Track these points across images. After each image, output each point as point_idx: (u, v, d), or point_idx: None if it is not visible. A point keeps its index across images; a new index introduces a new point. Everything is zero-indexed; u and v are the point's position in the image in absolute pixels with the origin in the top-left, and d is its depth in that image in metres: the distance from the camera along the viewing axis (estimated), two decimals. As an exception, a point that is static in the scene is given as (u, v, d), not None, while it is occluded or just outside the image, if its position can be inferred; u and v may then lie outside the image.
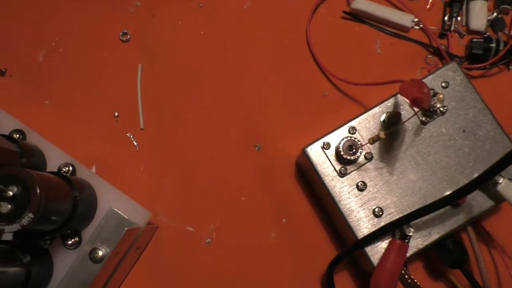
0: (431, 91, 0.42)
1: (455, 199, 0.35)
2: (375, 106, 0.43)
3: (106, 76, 0.50)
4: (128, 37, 0.50)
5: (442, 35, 0.51)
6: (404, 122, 0.41)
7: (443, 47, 0.50)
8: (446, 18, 0.51)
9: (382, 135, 0.36)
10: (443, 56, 0.49)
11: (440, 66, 0.50)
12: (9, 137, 0.41)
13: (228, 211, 0.47)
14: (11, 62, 0.50)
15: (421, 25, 0.51)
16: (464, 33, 0.51)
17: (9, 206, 0.31)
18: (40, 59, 0.50)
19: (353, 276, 0.46)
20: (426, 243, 0.40)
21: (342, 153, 0.40)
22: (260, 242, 0.47)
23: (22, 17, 0.51)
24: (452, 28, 0.50)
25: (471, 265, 0.45)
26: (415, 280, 0.42)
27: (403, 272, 0.42)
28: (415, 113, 0.40)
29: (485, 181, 0.35)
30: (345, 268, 0.47)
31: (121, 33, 0.50)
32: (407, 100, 0.36)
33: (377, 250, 0.40)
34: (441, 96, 0.37)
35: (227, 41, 0.51)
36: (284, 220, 0.47)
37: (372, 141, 0.37)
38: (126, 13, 0.51)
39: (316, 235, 0.47)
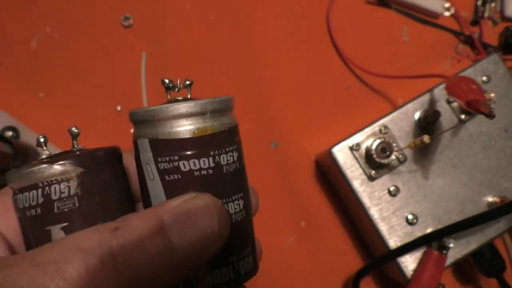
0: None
1: (506, 213, 0.31)
2: (408, 103, 0.39)
3: (106, 65, 0.45)
4: (131, 22, 0.45)
5: (475, 22, 0.47)
6: (450, 129, 0.37)
7: (475, 35, 0.46)
8: (479, 3, 0.47)
9: (426, 139, 0.32)
10: (476, 46, 0.45)
11: (472, 56, 0.46)
12: (0, 137, 0.37)
13: (243, 215, 0.43)
14: (0, 50, 0.45)
15: (452, 12, 0.46)
16: (499, 20, 0.47)
17: None
18: (33, 47, 0.45)
19: (378, 285, 0.43)
20: (464, 252, 0.37)
21: (374, 156, 0.36)
22: (277, 247, 0.43)
23: (12, -1, 0.46)
24: (486, 14, 0.46)
25: (506, 274, 0.42)
26: (450, 292, 0.39)
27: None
28: (460, 123, 0.36)
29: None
30: (370, 275, 0.43)
31: (122, 18, 0.45)
32: (455, 99, 0.32)
33: (410, 261, 0.37)
34: (492, 95, 0.33)
35: (240, 27, 0.46)
36: (303, 224, 0.44)
37: (413, 145, 0.33)
38: (128, -5, 0.46)
39: (338, 240, 0.44)
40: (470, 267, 0.43)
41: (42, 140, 0.21)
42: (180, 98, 0.21)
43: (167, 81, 0.21)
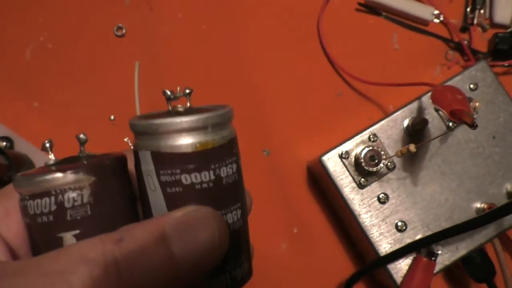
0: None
1: (495, 219, 0.32)
2: (397, 111, 0.39)
3: (100, 75, 0.46)
4: (124, 31, 0.46)
5: (464, 29, 0.47)
6: (436, 138, 0.37)
7: (465, 42, 0.46)
8: (468, 10, 0.47)
9: (412, 148, 0.32)
10: (465, 52, 0.46)
11: (461, 63, 0.46)
12: (-6, 148, 0.37)
13: (236, 222, 0.44)
14: (-5, 60, 0.45)
15: (442, 18, 0.47)
16: (488, 26, 0.47)
17: None
18: (27, 56, 0.45)
19: (370, 290, 0.44)
20: (453, 258, 0.37)
21: (363, 164, 0.37)
22: (269, 253, 0.44)
23: (6, 8, 0.46)
24: (475, 21, 0.47)
25: (496, 278, 0.43)
26: (440, 298, 0.39)
27: (426, 288, 0.40)
28: (446, 126, 0.37)
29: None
30: (362, 281, 0.44)
31: (115, 28, 0.46)
32: (440, 109, 0.33)
33: (400, 268, 0.37)
34: (477, 104, 0.33)
35: (232, 37, 0.46)
36: (295, 230, 0.44)
37: (400, 154, 0.33)
38: (121, 5, 0.46)
39: (331, 246, 0.44)
40: (461, 272, 0.43)
41: (48, 145, 0.22)
42: (181, 108, 0.22)
43: (168, 92, 0.22)
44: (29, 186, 0.20)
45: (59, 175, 0.19)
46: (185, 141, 0.20)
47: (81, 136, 0.22)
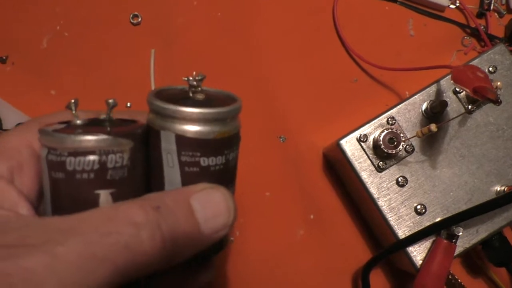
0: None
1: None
2: (415, 94, 0.39)
3: (116, 62, 0.46)
4: (139, 19, 0.46)
5: (481, 14, 0.47)
6: (456, 117, 0.37)
7: (481, 27, 0.46)
8: (485, -5, 0.47)
9: (434, 128, 0.32)
10: (482, 38, 0.46)
11: (478, 49, 0.46)
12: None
13: (252, 208, 0.44)
14: (12, 49, 0.45)
15: (458, 4, 0.47)
16: (504, 12, 0.47)
17: None
18: (44, 45, 0.46)
19: (387, 275, 0.43)
20: (473, 241, 0.37)
21: (382, 146, 0.36)
22: (287, 239, 0.44)
23: (22, -1, 0.46)
24: (492, 6, 0.47)
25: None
26: (460, 281, 0.39)
27: (445, 272, 0.40)
28: (465, 108, 0.37)
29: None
30: (379, 266, 0.43)
31: (131, 16, 0.46)
32: (461, 88, 0.32)
33: (420, 250, 0.37)
34: (498, 83, 0.33)
35: (247, 24, 0.46)
36: (312, 216, 0.44)
37: (421, 134, 0.33)
38: (136, -7, 0.46)
39: (347, 232, 0.44)
40: (479, 257, 0.43)
41: (73, 102, 0.23)
42: (200, 96, 0.24)
43: (193, 81, 0.24)
44: (72, 144, 0.20)
45: (106, 137, 0.21)
46: (209, 129, 0.22)
47: (111, 101, 0.23)
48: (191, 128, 0.22)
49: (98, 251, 0.18)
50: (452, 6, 0.47)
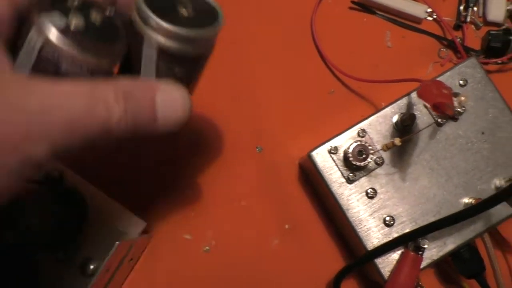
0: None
1: (479, 212, 0.32)
2: (387, 106, 0.39)
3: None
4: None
5: (457, 26, 0.47)
6: (424, 128, 0.37)
7: (458, 39, 0.46)
8: (461, 8, 0.47)
9: (397, 142, 0.32)
10: (458, 50, 0.46)
11: (454, 60, 0.47)
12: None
13: (228, 217, 0.44)
14: None
15: (435, 16, 0.47)
16: (481, 24, 0.47)
17: None
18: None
19: (361, 286, 0.44)
20: (441, 254, 0.38)
21: (351, 158, 0.37)
22: (262, 249, 0.44)
23: None
24: (468, 19, 0.47)
25: (486, 273, 0.43)
26: (429, 293, 0.39)
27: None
28: (435, 121, 0.37)
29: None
30: (352, 277, 0.44)
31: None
32: (425, 103, 0.33)
33: (388, 262, 0.37)
34: (463, 98, 0.34)
35: (226, 34, 0.47)
36: (287, 226, 0.45)
37: (386, 148, 0.34)
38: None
39: (322, 242, 0.44)
40: (452, 268, 0.43)
41: None
42: (186, 12, 0.26)
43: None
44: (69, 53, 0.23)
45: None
46: (186, 47, 0.25)
47: None
48: (171, 44, 0.24)
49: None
50: (429, 18, 0.47)
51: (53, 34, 0.22)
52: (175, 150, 0.45)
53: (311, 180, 0.44)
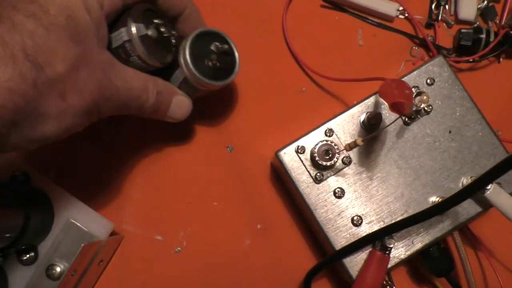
0: (415, 90, 0.38)
1: (444, 210, 0.32)
2: (354, 106, 0.39)
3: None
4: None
5: (429, 25, 0.47)
6: (386, 126, 0.37)
7: (429, 38, 0.46)
8: (433, 6, 0.47)
9: (359, 142, 0.32)
10: (430, 48, 0.46)
11: (426, 59, 0.47)
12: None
13: (199, 217, 0.44)
14: None
15: (407, 14, 0.47)
16: (453, 22, 0.47)
17: None
18: None
19: (333, 285, 0.44)
20: (408, 253, 0.38)
21: (317, 158, 0.37)
22: (234, 249, 0.44)
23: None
24: (440, 17, 0.47)
25: (457, 270, 0.43)
26: (397, 291, 0.39)
27: (385, 283, 0.40)
28: (399, 116, 0.37)
29: (477, 190, 0.32)
30: (325, 276, 0.44)
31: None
32: (383, 99, 0.33)
33: (356, 262, 0.37)
34: (425, 97, 0.33)
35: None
36: (259, 226, 0.44)
37: (348, 147, 0.34)
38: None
39: (294, 241, 0.44)
40: (424, 267, 0.43)
41: None
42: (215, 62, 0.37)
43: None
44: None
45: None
46: (200, 87, 0.38)
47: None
48: (191, 79, 0.36)
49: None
50: (401, 17, 0.47)
51: (136, 37, 0.32)
52: (144, 151, 0.45)
53: (282, 179, 0.44)
